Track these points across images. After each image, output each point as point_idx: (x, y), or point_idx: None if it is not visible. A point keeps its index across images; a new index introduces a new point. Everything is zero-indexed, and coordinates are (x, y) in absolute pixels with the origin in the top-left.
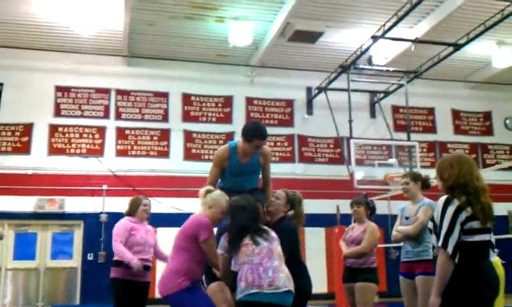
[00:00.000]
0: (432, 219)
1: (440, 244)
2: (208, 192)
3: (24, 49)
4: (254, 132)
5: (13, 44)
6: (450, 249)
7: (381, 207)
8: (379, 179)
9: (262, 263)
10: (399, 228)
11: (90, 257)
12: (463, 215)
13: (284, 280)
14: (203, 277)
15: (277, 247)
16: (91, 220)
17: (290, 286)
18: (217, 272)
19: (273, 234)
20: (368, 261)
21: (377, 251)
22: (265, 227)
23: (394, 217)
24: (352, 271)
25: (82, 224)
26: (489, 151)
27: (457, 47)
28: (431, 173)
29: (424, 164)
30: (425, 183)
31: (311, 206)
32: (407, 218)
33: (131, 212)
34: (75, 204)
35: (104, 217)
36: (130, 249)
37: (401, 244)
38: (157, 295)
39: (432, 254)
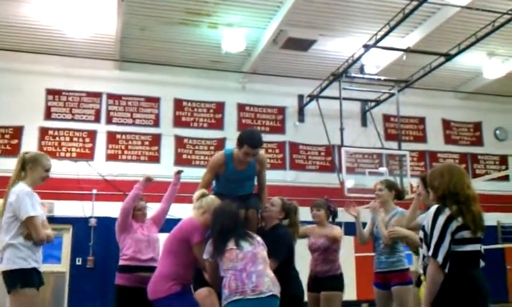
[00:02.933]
0: (423, 229)
1: (430, 253)
2: (202, 196)
3: (15, 51)
4: (246, 138)
5: (4, 46)
6: (440, 258)
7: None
8: (370, 187)
9: (246, 268)
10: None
11: (78, 262)
12: (453, 225)
13: (268, 284)
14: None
15: (262, 252)
16: (80, 225)
17: (275, 290)
18: (207, 277)
19: (258, 238)
20: (334, 267)
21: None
22: (250, 232)
23: None
24: (317, 279)
25: (71, 228)
26: (479, 161)
27: (448, 57)
28: None
29: (414, 173)
30: (399, 194)
31: (301, 213)
32: (377, 227)
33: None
34: (64, 208)
35: (93, 222)
36: (134, 245)
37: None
38: None
39: (406, 264)
